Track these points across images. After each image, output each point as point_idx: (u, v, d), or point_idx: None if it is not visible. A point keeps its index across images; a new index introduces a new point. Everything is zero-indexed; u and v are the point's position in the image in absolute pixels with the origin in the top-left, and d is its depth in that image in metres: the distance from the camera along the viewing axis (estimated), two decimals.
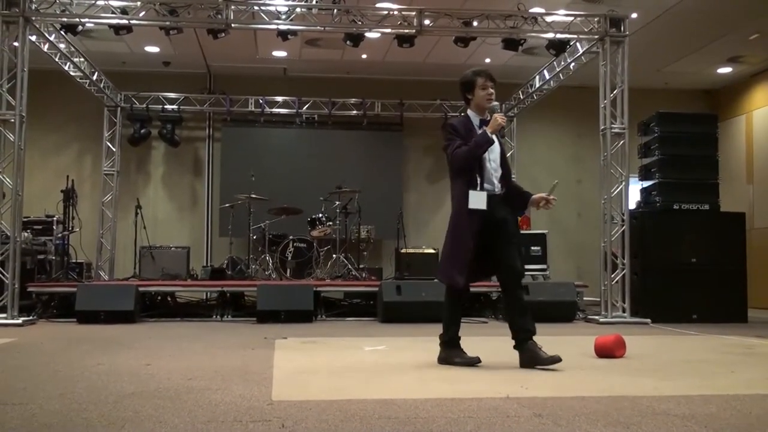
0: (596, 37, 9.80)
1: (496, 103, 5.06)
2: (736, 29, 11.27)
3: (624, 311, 9.23)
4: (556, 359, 4.69)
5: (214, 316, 9.45)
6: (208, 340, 6.77)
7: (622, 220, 9.43)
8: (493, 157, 5.01)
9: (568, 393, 3.89)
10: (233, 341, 6.68)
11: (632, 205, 9.98)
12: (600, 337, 5.62)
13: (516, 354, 4.88)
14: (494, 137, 4.95)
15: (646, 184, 10.14)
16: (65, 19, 9.33)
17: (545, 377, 4.45)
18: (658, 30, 11.23)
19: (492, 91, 5.04)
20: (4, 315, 8.34)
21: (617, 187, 9.52)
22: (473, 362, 4.93)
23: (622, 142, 9.55)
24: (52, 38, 10.03)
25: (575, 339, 7.16)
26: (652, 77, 13.64)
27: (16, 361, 5.32)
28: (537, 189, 5.34)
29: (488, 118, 5.01)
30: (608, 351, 5.42)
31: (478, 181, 4.91)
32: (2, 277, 8.50)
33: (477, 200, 4.88)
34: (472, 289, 10.24)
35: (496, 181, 5.02)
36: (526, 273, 10.89)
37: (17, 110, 8.74)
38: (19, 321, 8.28)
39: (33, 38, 9.39)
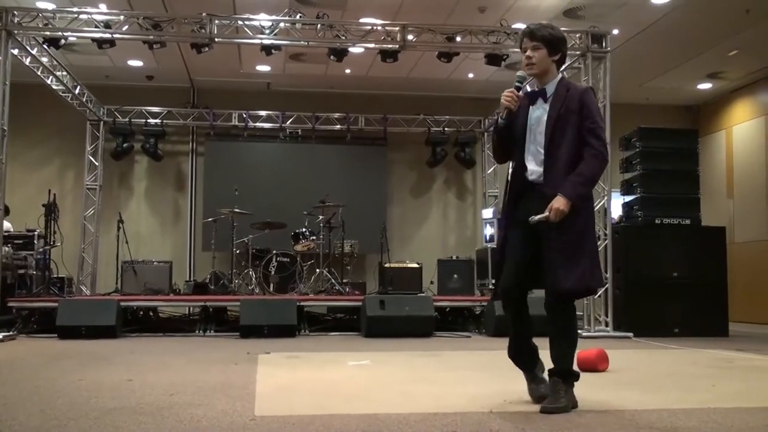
0: (578, 52, 9.87)
1: (520, 72, 4.03)
2: (716, 45, 11.41)
3: (607, 325, 9.26)
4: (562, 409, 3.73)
5: (197, 331, 9.39)
6: (191, 356, 6.73)
7: (605, 235, 9.48)
8: (532, 137, 3.94)
9: None
10: (216, 356, 6.64)
11: (614, 220, 10.05)
12: (583, 351, 5.62)
13: (500, 368, 4.83)
14: (536, 112, 3.95)
15: (628, 198, 10.20)
16: (48, 33, 9.31)
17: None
18: (639, 46, 11.34)
19: (529, 54, 3.93)
20: None
21: (599, 202, 9.56)
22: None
23: None
24: (34, 52, 9.98)
25: None
26: (634, 92, 13.76)
27: None
28: None
29: (537, 89, 4.00)
30: (591, 365, 5.44)
31: (510, 171, 4.10)
32: None
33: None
34: (453, 304, 10.23)
35: (533, 167, 3.93)
36: None
37: None
38: None
39: (15, 52, 9.35)
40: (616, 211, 10.34)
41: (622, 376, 5.29)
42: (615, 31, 10.45)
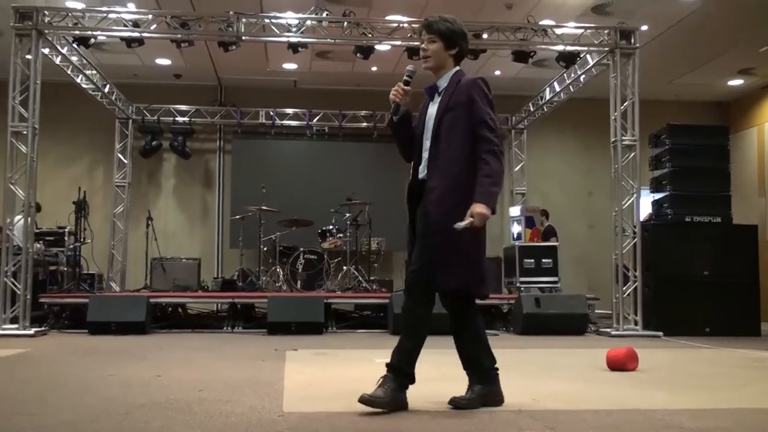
0: (606, 49, 9.79)
1: (410, 66, 3.92)
2: (746, 41, 11.26)
3: (636, 324, 9.18)
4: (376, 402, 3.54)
5: (225, 328, 9.45)
6: (219, 352, 6.77)
7: (634, 233, 9.39)
8: (426, 134, 3.83)
9: (580, 406, 3.87)
10: (244, 353, 6.68)
11: (643, 218, 9.95)
12: (612, 350, 5.59)
13: (528, 366, 4.82)
14: (433, 112, 3.83)
15: (658, 196, 10.10)
16: (78, 32, 9.40)
17: (557, 390, 4.43)
18: (668, 42, 11.22)
19: (424, 46, 3.86)
20: (16, 326, 8.37)
21: (628, 200, 9.48)
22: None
23: (633, 154, 9.53)
24: (64, 51, 10.11)
25: (587, 352, 7.13)
26: (663, 89, 13.62)
27: (28, 372, 5.33)
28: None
29: (435, 82, 3.90)
30: (620, 364, 5.40)
31: (412, 169, 3.91)
32: (14, 287, 8.53)
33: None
34: (480, 302, 10.18)
35: (425, 163, 3.80)
36: (529, 284, 11.01)
37: (30, 122, 8.80)
38: (31, 332, 8.31)
39: (45, 51, 9.46)
40: (646, 209, 10.24)
41: (651, 376, 5.24)
42: (644, 27, 10.34)
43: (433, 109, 3.84)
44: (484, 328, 3.94)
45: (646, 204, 10.23)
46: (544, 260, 11.20)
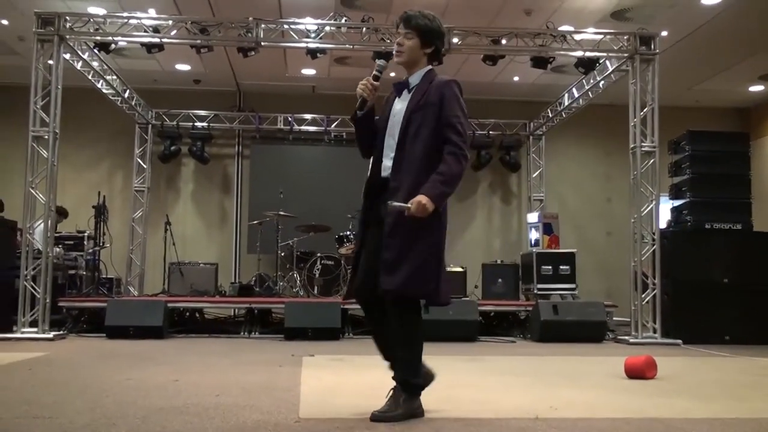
0: (626, 55, 9.74)
1: (380, 60, 3.90)
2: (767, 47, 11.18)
3: (655, 332, 9.11)
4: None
5: (242, 333, 9.47)
6: (236, 357, 6.78)
7: (653, 240, 9.33)
8: (390, 131, 3.76)
9: (598, 414, 3.84)
10: (261, 358, 6.69)
11: (663, 224, 9.88)
12: (630, 357, 5.55)
13: (545, 374, 4.79)
14: (401, 109, 3.75)
15: (677, 203, 10.03)
16: (99, 38, 9.48)
17: (575, 398, 4.40)
18: (688, 48, 11.15)
19: (399, 40, 3.79)
20: (35, 329, 8.44)
21: (647, 206, 9.42)
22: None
23: (652, 160, 9.47)
24: (85, 56, 10.20)
25: (605, 359, 7.08)
26: (683, 95, 13.53)
27: (47, 375, 5.36)
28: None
29: (407, 78, 3.84)
30: (639, 372, 5.36)
31: (369, 166, 3.89)
32: (34, 291, 8.60)
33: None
34: (498, 308, 10.13)
35: (387, 162, 3.74)
36: (551, 292, 10.98)
37: (51, 127, 8.88)
38: (50, 335, 8.38)
39: (67, 56, 9.53)
40: (665, 215, 10.17)
41: (670, 384, 5.19)
42: (664, 33, 10.29)
43: (400, 106, 3.74)
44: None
45: (665, 211, 10.16)
46: (561, 267, 11.16)
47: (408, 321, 3.67)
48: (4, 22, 10.66)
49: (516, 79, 12.69)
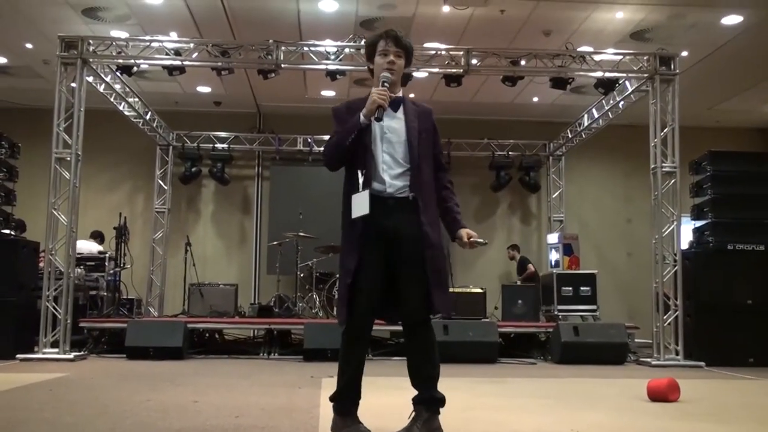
0: (646, 75, 9.71)
1: (386, 73, 3.75)
2: None
3: (677, 354, 9.00)
4: None
5: (261, 354, 9.46)
6: (255, 378, 6.78)
7: (674, 261, 9.24)
8: (386, 147, 3.71)
9: None
10: (280, 379, 6.68)
11: (684, 245, 9.79)
12: (653, 380, 5.49)
13: (566, 395, 4.76)
14: (393, 119, 3.76)
15: (699, 223, 9.94)
16: (121, 61, 9.58)
17: (597, 421, 4.35)
18: (709, 68, 11.11)
19: (392, 59, 3.78)
20: (56, 350, 8.48)
21: (668, 227, 9.35)
22: None
23: (673, 181, 9.41)
24: (108, 79, 10.32)
25: (627, 382, 7.00)
26: (704, 115, 13.47)
27: (67, 396, 5.38)
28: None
29: (397, 97, 3.83)
30: (662, 395, 5.29)
31: (360, 181, 3.73)
32: (55, 312, 8.65)
33: (359, 205, 3.75)
34: (518, 330, 10.05)
35: (390, 179, 3.68)
36: (571, 313, 10.90)
37: (73, 149, 8.97)
38: (71, 356, 8.41)
39: (90, 79, 9.64)
40: (687, 236, 10.08)
41: (694, 407, 5.12)
42: (684, 53, 10.27)
43: (397, 124, 3.73)
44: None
45: (686, 231, 10.07)
46: (582, 288, 11.06)
47: (435, 338, 3.80)
48: (29, 45, 10.83)
49: (535, 99, 12.69)
